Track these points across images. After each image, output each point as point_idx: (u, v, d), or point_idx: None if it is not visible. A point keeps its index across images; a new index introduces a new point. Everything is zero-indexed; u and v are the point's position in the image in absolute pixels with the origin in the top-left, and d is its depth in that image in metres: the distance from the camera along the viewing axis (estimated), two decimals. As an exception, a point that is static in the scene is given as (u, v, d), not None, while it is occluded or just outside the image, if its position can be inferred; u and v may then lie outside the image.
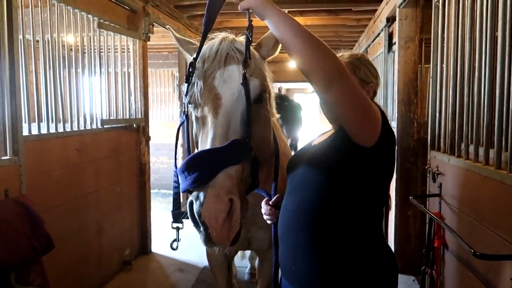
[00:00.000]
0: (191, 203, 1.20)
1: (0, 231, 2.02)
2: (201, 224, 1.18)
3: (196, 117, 1.43)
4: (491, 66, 1.98)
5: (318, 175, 1.36)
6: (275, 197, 1.64)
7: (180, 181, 1.27)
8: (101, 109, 3.78)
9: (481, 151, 2.04)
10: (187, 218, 1.31)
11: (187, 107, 1.48)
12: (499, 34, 1.88)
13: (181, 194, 1.41)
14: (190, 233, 1.78)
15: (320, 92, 1.21)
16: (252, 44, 1.48)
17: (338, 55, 1.55)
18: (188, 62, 1.49)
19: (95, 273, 3.62)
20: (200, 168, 1.20)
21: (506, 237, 1.72)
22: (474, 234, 2.02)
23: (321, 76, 1.15)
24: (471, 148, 2.15)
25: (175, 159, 1.71)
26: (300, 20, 6.08)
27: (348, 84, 1.19)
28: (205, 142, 1.32)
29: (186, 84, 1.44)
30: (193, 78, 1.41)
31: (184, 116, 1.55)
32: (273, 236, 1.65)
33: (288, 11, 1.31)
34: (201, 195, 1.19)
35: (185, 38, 1.73)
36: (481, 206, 1.98)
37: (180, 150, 6.13)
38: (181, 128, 1.59)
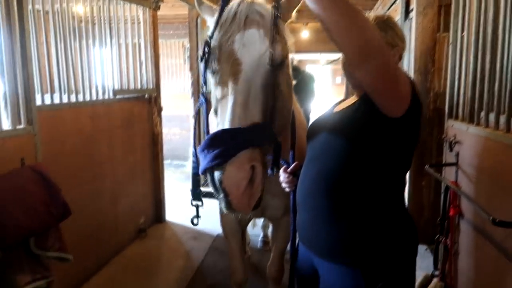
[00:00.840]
0: (212, 170, 1.16)
1: (18, 198, 2.06)
2: (222, 191, 1.15)
3: (215, 85, 1.35)
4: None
5: (341, 142, 1.34)
6: (293, 165, 1.63)
7: (200, 160, 1.22)
8: (112, 80, 3.77)
9: (502, 118, 1.98)
10: (206, 196, 1.29)
11: (205, 84, 1.39)
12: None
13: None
14: (205, 202, 1.78)
15: (353, 67, 1.16)
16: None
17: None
18: (210, 27, 1.41)
19: (112, 240, 3.71)
20: (222, 145, 1.15)
21: (526, 205, 1.69)
22: (492, 202, 1.99)
23: (357, 51, 1.06)
24: (492, 116, 2.09)
25: (194, 142, 1.68)
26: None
27: (384, 60, 1.10)
28: (225, 109, 1.24)
29: (202, 64, 1.35)
30: (211, 43, 1.33)
31: (203, 98, 1.48)
32: (292, 204, 1.65)
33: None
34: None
35: (207, 3, 1.64)
36: (501, 174, 1.95)
37: (193, 121, 6.12)
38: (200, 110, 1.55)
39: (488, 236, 2.04)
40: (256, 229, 4.16)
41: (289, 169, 1.62)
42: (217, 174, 1.15)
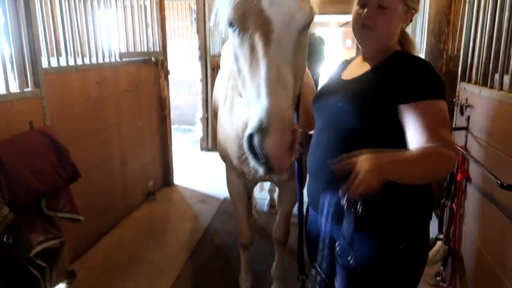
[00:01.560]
0: (251, 136, 1.12)
1: (28, 160, 2.08)
2: (263, 157, 1.11)
3: (239, 41, 1.26)
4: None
5: (356, 114, 1.32)
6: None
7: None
8: (118, 43, 3.71)
9: (517, 81, 1.92)
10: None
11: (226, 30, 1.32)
12: None
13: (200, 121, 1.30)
14: (210, 167, 1.78)
15: None
16: None
17: None
18: None
19: (121, 203, 3.79)
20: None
21: (536, 169, 1.66)
22: (501, 167, 1.96)
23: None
24: (506, 78, 2.02)
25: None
26: None
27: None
28: (257, 71, 1.17)
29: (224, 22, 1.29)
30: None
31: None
32: (297, 172, 1.64)
33: None
34: (263, 125, 1.08)
35: None
36: (512, 139, 1.91)
37: (200, 84, 6.07)
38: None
39: (495, 201, 2.03)
40: (263, 192, 4.21)
41: None
42: (257, 140, 1.10)
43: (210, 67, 5.91)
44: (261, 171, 1.17)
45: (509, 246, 1.87)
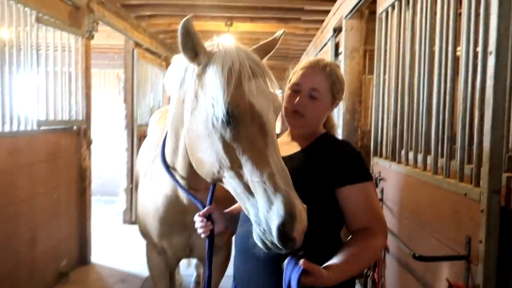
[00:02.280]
0: (282, 225, 1.12)
1: None
2: (292, 239, 1.14)
3: (235, 133, 1.27)
4: (429, 77, 2.09)
5: None
6: (205, 208, 1.57)
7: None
8: (38, 110, 3.53)
9: (420, 157, 2.14)
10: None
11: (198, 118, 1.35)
12: (436, 48, 1.99)
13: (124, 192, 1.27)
14: (132, 242, 1.68)
15: None
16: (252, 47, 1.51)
17: (312, 59, 1.59)
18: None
19: (27, 286, 3.34)
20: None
21: (442, 239, 1.80)
22: (413, 237, 2.10)
23: None
24: (411, 154, 2.25)
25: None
26: (250, 27, 6.11)
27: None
28: (264, 160, 1.22)
29: (193, 97, 1.37)
30: (211, 89, 1.30)
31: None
32: (207, 251, 1.59)
33: (239, 17, 1.31)
34: (292, 213, 1.13)
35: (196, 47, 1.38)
36: (420, 210, 2.08)
37: (125, 154, 5.89)
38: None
39: (411, 270, 2.14)
40: (190, 268, 4.01)
41: (202, 212, 1.56)
42: (289, 227, 1.12)
43: (137, 136, 5.82)
44: (284, 250, 1.18)
45: (426, 314, 1.95)
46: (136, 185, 2.46)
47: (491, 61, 1.46)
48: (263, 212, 1.16)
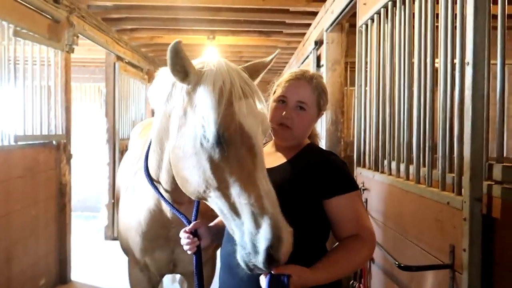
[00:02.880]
0: (269, 248, 1.13)
1: None
2: (278, 261, 1.15)
3: (223, 154, 1.25)
4: (409, 88, 2.12)
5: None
6: (191, 224, 1.55)
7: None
8: (15, 125, 3.44)
9: (402, 167, 2.16)
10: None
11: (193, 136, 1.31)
12: (415, 60, 2.03)
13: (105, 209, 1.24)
14: (114, 259, 1.63)
15: None
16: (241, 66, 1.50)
17: (297, 70, 1.62)
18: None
19: (3, 308, 3.21)
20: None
21: (426, 248, 1.81)
22: (397, 247, 2.11)
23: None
24: (393, 164, 2.27)
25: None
26: (232, 40, 6.15)
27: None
28: (252, 182, 1.22)
29: (181, 114, 1.36)
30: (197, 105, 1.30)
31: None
32: (196, 267, 1.56)
33: (221, 31, 1.31)
34: (279, 237, 1.14)
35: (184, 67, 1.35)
36: (404, 220, 2.09)
37: (107, 168, 5.78)
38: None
39: (396, 279, 2.14)
40: (174, 284, 3.92)
41: (187, 228, 1.53)
42: (275, 250, 1.13)
43: (119, 150, 5.73)
44: (268, 270, 1.19)
45: (412, 325, 1.95)
46: (117, 200, 2.41)
47: (469, 71, 1.49)
48: (249, 234, 1.16)
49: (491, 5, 1.50)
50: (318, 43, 4.70)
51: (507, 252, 1.39)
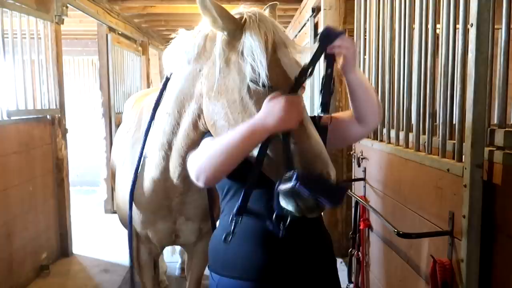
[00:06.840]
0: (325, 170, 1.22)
1: None
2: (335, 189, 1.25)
3: (259, 95, 1.27)
4: (409, 54, 2.06)
5: None
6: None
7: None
8: (7, 100, 3.37)
9: (402, 135, 2.13)
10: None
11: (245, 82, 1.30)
12: (416, 25, 1.95)
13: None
14: (115, 232, 1.62)
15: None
16: None
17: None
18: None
19: (6, 282, 3.25)
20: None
21: (426, 216, 1.80)
22: (396, 215, 2.11)
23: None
24: (393, 132, 2.24)
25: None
26: (228, 8, 5.97)
27: None
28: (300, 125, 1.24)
29: (222, 66, 1.33)
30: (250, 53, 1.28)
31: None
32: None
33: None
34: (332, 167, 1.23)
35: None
36: (403, 188, 2.07)
37: (104, 143, 5.75)
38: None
39: (394, 247, 2.15)
40: (174, 255, 3.96)
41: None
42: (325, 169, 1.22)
43: (115, 124, 5.67)
44: (331, 204, 1.22)
45: (410, 290, 1.97)
46: (113, 175, 2.38)
47: (472, 33, 1.43)
48: (302, 164, 1.20)
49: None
50: (315, 10, 4.56)
51: (508, 218, 1.38)
